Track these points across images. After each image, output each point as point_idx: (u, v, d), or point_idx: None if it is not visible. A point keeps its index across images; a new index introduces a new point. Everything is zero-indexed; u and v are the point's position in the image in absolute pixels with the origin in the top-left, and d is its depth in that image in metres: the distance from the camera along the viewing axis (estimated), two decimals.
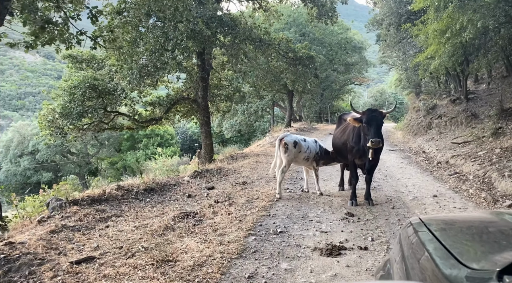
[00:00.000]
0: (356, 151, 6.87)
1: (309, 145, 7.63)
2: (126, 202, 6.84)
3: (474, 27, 10.68)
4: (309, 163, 7.78)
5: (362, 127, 6.42)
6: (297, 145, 7.37)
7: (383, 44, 26.19)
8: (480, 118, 17.76)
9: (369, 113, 6.36)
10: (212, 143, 16.28)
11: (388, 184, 9.09)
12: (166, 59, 10.78)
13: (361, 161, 6.93)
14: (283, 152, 7.37)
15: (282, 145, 7.37)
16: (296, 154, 7.41)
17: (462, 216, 2.85)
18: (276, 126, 30.62)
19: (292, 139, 7.40)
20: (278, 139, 7.53)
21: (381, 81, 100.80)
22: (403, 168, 12.15)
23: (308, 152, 7.56)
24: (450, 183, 9.96)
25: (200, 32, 10.36)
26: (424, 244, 1.55)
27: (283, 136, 7.55)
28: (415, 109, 28.09)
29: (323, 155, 7.89)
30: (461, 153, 13.58)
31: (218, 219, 5.79)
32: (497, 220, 1.79)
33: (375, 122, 6.25)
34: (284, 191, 8.10)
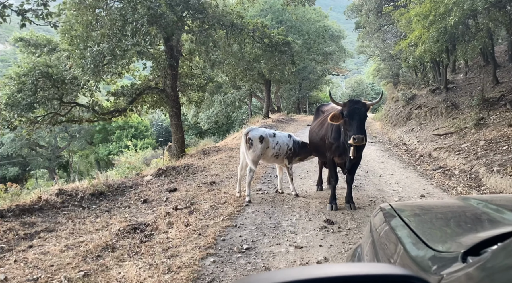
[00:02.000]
0: (336, 148, 5.97)
1: (279, 140, 6.70)
2: (65, 211, 5.75)
3: (460, 10, 9.91)
4: (279, 160, 6.86)
5: (343, 121, 5.53)
6: (263, 140, 6.43)
7: (362, 31, 25.45)
8: (460, 109, 17.28)
9: (351, 106, 5.46)
10: (183, 136, 15.20)
11: (371, 182, 8.29)
12: (125, 47, 9.57)
13: (341, 159, 6.05)
14: (247, 148, 6.43)
15: (246, 140, 6.42)
16: (263, 150, 6.49)
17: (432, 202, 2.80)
18: (254, 117, 29.64)
19: (257, 133, 6.46)
20: (244, 134, 6.58)
21: (359, 72, 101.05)
22: (384, 162, 11.43)
23: (278, 148, 6.64)
24: (436, 179, 9.26)
25: (163, 16, 9.20)
26: (393, 229, 1.58)
27: (248, 130, 6.59)
28: (394, 99, 27.64)
29: (299, 150, 6.98)
30: (444, 145, 12.98)
31: (172, 232, 4.81)
32: (464, 205, 1.84)
33: (358, 116, 5.36)
34: (256, 192, 7.17)
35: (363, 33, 25.86)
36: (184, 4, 10.02)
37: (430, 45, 11.97)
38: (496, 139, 11.30)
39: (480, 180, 8.95)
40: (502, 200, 1.93)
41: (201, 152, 13.18)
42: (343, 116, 5.48)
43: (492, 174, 8.65)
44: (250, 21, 14.80)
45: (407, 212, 1.78)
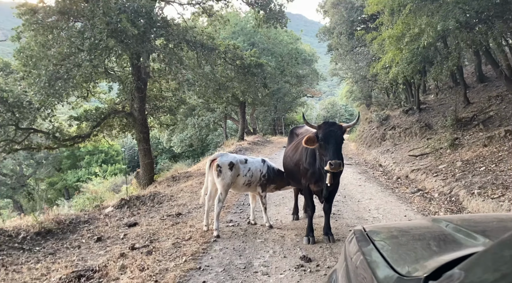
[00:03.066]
0: (311, 174, 5.46)
1: (251, 166, 6.15)
2: (0, 255, 4.94)
3: (434, 30, 9.81)
4: (252, 188, 6.28)
5: (318, 145, 5.04)
6: (233, 166, 5.87)
7: (335, 53, 25.63)
8: (434, 129, 17.30)
9: (326, 128, 4.99)
10: (152, 161, 14.43)
11: (349, 208, 7.80)
12: (80, 61, 8.89)
13: (317, 187, 5.52)
14: (215, 175, 5.83)
15: (215, 167, 5.84)
16: (234, 178, 5.90)
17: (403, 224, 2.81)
18: (229, 140, 29.06)
19: (227, 160, 5.89)
20: (209, 161, 5.99)
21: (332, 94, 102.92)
22: (362, 185, 11.02)
23: (250, 175, 6.08)
24: (416, 203, 8.87)
25: (123, 31, 8.63)
26: (364, 253, 1.58)
27: (216, 156, 6.01)
28: (367, 120, 27.78)
29: (274, 178, 6.43)
30: (421, 167, 12.74)
31: (124, 280, 4.10)
32: (433, 226, 1.85)
33: (334, 139, 4.89)
34: (225, 225, 6.52)
35: (335, 55, 26.04)
36: (146, 20, 9.48)
37: (404, 67, 11.86)
38: (473, 160, 11.12)
39: (461, 203, 8.61)
40: (470, 221, 1.97)
41: (171, 178, 12.44)
42: (318, 140, 4.99)
43: (473, 197, 8.33)
44: (222, 42, 14.45)
45: (379, 234, 1.80)
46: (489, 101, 16.32)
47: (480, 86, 20.20)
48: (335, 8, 21.03)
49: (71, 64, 9.00)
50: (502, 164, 10.14)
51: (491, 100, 16.33)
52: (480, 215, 5.31)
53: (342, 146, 5.13)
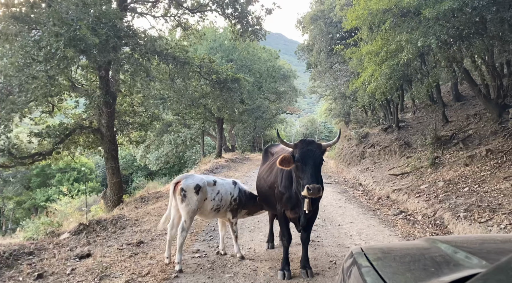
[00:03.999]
0: (287, 199, 4.83)
1: (220, 189, 5.48)
2: None
3: (414, 47, 9.50)
4: (221, 214, 5.60)
5: (295, 166, 4.43)
6: (200, 190, 5.18)
7: (314, 71, 25.47)
8: (413, 147, 17.06)
9: (304, 147, 4.40)
10: (121, 180, 13.52)
11: (329, 234, 7.18)
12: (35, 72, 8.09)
13: (294, 214, 4.89)
14: (179, 201, 5.14)
15: (178, 191, 5.14)
16: (200, 203, 5.21)
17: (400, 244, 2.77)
18: (206, 157, 28.26)
19: (193, 182, 5.19)
20: (173, 184, 5.29)
21: (311, 111, 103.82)
22: (342, 206, 10.46)
23: (219, 199, 5.41)
24: (400, 227, 8.34)
25: (83, 39, 7.91)
26: (361, 274, 1.58)
27: (181, 178, 5.32)
28: (347, 138, 27.54)
29: (246, 202, 5.77)
30: (402, 186, 12.32)
31: None
32: (431, 247, 1.85)
33: (312, 160, 4.30)
34: (191, 256, 5.78)
35: (314, 72, 25.88)
36: (109, 28, 8.78)
37: (382, 83, 11.53)
38: (455, 180, 10.77)
39: (446, 227, 8.14)
40: (466, 242, 1.97)
41: (139, 199, 11.59)
42: (295, 160, 4.39)
43: (459, 220, 7.87)
44: (197, 56, 13.88)
45: (376, 255, 1.80)
46: (468, 119, 16.24)
47: (457, 104, 20.27)
48: (314, 23, 20.87)
49: (25, 76, 8.18)
50: (485, 185, 9.80)
51: (469, 118, 16.26)
52: (476, 235, 5.10)
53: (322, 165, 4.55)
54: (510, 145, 11.55)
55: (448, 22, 9.14)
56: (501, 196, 8.64)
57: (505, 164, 10.57)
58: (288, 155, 4.45)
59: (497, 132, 13.03)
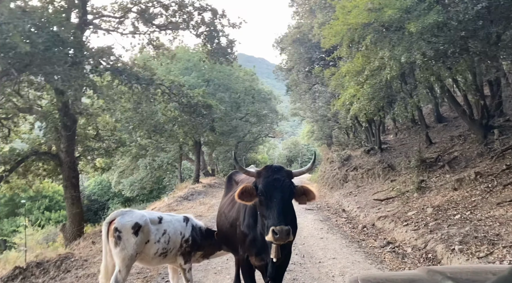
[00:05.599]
0: (251, 242, 3.81)
1: (167, 227, 4.42)
2: None
3: (397, 63, 8.82)
4: (170, 260, 4.52)
5: (258, 201, 3.46)
6: (140, 229, 4.12)
7: (294, 92, 24.88)
8: (397, 170, 16.34)
9: (268, 176, 3.43)
10: (81, 211, 12.26)
11: (308, 276, 6.14)
12: None
13: (259, 261, 3.85)
14: (112, 244, 4.07)
15: (111, 232, 4.09)
16: (140, 247, 4.14)
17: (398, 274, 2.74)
18: (184, 183, 26.98)
19: (130, 220, 4.13)
20: (106, 224, 4.22)
21: (294, 133, 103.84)
22: (324, 238, 9.46)
23: (165, 241, 4.34)
24: (388, 261, 7.39)
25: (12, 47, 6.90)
26: None
27: (115, 216, 4.25)
28: (329, 160, 26.85)
29: (201, 242, 4.72)
30: (387, 213, 11.43)
31: None
32: (428, 278, 1.82)
33: (280, 193, 3.32)
34: None
35: (294, 93, 25.31)
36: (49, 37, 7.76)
37: (365, 103, 10.80)
38: (444, 206, 9.95)
39: (440, 261, 7.22)
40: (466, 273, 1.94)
41: (99, 232, 10.32)
42: (257, 193, 3.42)
43: (454, 254, 6.96)
44: (166, 77, 12.98)
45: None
46: (452, 141, 15.68)
47: (440, 126, 19.86)
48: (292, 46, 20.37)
49: None
50: (478, 211, 8.99)
51: (453, 140, 15.70)
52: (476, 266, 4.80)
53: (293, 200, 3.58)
54: (499, 167, 10.87)
55: (434, 36, 8.51)
56: (497, 224, 7.81)
57: (496, 188, 9.82)
58: (249, 186, 3.48)
59: (484, 154, 12.41)
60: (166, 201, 18.62)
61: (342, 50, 11.73)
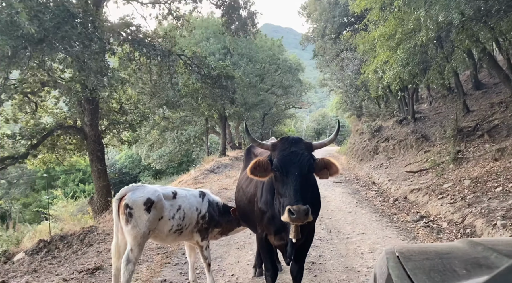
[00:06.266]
0: (269, 220, 3.45)
1: (182, 203, 4.11)
2: None
3: (434, 23, 8.00)
4: (185, 237, 4.26)
5: (274, 177, 3.07)
6: (153, 206, 3.84)
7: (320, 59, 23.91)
8: (432, 141, 15.49)
9: (284, 149, 3.03)
10: (108, 184, 12.32)
11: (335, 252, 5.78)
12: None
13: (279, 240, 3.50)
14: (123, 222, 3.82)
15: (122, 209, 3.84)
16: (153, 224, 3.86)
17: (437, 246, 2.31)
18: (210, 156, 26.99)
19: (142, 196, 3.83)
20: (116, 200, 3.96)
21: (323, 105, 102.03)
22: (353, 212, 9.04)
23: (180, 217, 4.05)
24: (421, 237, 6.93)
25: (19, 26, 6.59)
26: (389, 272, 1.60)
27: (126, 191, 3.96)
28: (358, 132, 26.03)
29: (219, 218, 4.42)
30: (421, 185, 10.84)
31: None
32: (470, 250, 1.77)
33: (297, 168, 2.91)
34: None
35: (321, 61, 24.33)
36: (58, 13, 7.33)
37: (399, 70, 9.99)
38: (484, 178, 9.24)
39: (480, 237, 6.68)
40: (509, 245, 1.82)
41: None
42: (272, 168, 3.02)
43: (496, 229, 6.40)
44: (188, 47, 12.55)
45: (408, 254, 1.76)
46: (492, 109, 14.59)
47: (478, 93, 18.58)
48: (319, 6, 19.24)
49: None
50: None
51: (493, 107, 14.59)
52: None
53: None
54: None
55: None
56: None
57: None
58: (263, 159, 3.09)
59: None
60: (193, 174, 18.63)
61: (373, 14, 10.88)
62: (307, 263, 5.14)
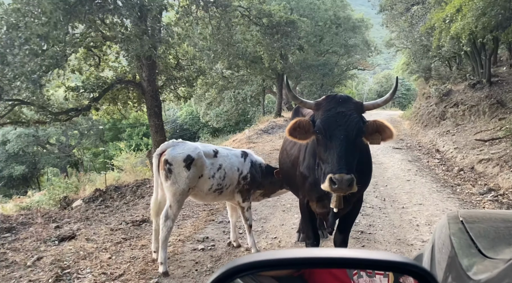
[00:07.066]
0: (311, 186, 3.15)
1: (223, 162, 3.95)
2: None
3: None
4: (226, 196, 4.12)
5: (316, 140, 2.73)
6: (193, 163, 3.70)
7: (388, 15, 22.11)
8: (508, 107, 13.96)
9: (330, 108, 2.64)
10: (165, 139, 12.63)
11: (387, 222, 5.41)
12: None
13: (321, 208, 3.21)
14: (163, 177, 3.72)
15: (162, 164, 3.73)
16: (193, 181, 3.74)
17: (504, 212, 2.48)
18: (266, 116, 26.84)
19: (182, 153, 3.70)
20: (156, 155, 3.85)
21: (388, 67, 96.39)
22: (411, 180, 8.45)
23: (221, 176, 3.89)
24: None
25: None
26: (450, 234, 1.55)
27: (166, 147, 3.84)
28: (425, 96, 24.27)
29: (263, 180, 4.21)
30: (492, 156, 9.85)
31: None
32: None
33: (343, 132, 2.54)
34: (193, 246, 4.46)
35: (387, 17, 22.50)
36: None
37: (472, 21, 8.75)
38: None
39: None
40: None
41: None
42: (314, 129, 2.69)
43: None
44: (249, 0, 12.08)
45: (472, 218, 1.70)
46: None
47: None
48: None
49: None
50: None
51: None
52: None
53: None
54: None
55: None
56: None
57: None
58: (305, 120, 2.75)
59: None
60: (247, 133, 18.65)
61: None
62: (356, 232, 4.85)
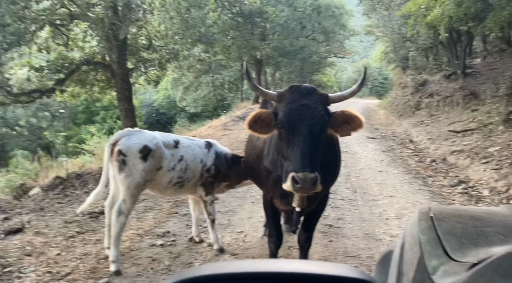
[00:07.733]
0: (275, 181, 2.93)
1: (184, 153, 3.67)
2: None
3: None
4: (187, 190, 3.87)
5: (278, 135, 2.50)
6: (150, 154, 3.42)
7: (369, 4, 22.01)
8: (481, 99, 14.14)
9: (293, 99, 2.44)
10: (135, 124, 12.19)
11: (357, 215, 5.28)
12: None
13: (285, 205, 2.99)
14: (116, 169, 3.44)
15: (115, 155, 3.44)
16: (150, 174, 3.46)
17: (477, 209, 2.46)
18: (242, 102, 26.47)
19: (138, 143, 3.40)
20: (109, 145, 3.55)
21: (367, 55, 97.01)
22: (383, 171, 8.40)
23: (182, 168, 3.62)
24: (458, 204, 6.26)
25: None
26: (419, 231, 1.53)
27: (120, 136, 3.53)
28: (401, 85, 24.51)
29: (227, 171, 3.96)
30: (464, 147, 9.93)
31: None
32: (510, 215, 1.68)
33: (308, 126, 2.34)
34: (152, 241, 4.20)
35: (368, 6, 22.41)
36: None
37: (450, 8, 8.62)
38: None
39: None
40: None
41: None
42: (276, 123, 2.45)
43: None
44: None
45: (442, 215, 1.67)
46: None
47: None
48: None
49: None
50: None
51: None
52: None
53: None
54: None
55: None
56: None
57: None
58: (266, 112, 2.52)
59: None
60: (223, 119, 18.31)
61: None
62: (324, 226, 4.70)
